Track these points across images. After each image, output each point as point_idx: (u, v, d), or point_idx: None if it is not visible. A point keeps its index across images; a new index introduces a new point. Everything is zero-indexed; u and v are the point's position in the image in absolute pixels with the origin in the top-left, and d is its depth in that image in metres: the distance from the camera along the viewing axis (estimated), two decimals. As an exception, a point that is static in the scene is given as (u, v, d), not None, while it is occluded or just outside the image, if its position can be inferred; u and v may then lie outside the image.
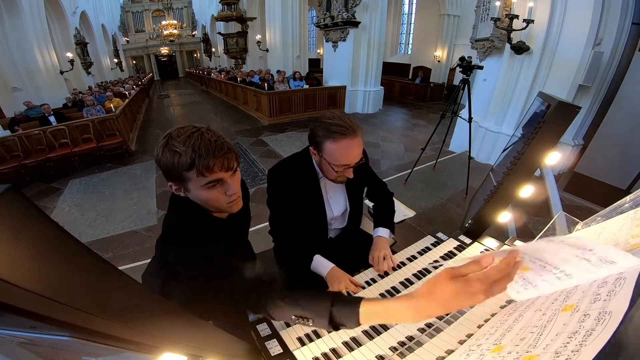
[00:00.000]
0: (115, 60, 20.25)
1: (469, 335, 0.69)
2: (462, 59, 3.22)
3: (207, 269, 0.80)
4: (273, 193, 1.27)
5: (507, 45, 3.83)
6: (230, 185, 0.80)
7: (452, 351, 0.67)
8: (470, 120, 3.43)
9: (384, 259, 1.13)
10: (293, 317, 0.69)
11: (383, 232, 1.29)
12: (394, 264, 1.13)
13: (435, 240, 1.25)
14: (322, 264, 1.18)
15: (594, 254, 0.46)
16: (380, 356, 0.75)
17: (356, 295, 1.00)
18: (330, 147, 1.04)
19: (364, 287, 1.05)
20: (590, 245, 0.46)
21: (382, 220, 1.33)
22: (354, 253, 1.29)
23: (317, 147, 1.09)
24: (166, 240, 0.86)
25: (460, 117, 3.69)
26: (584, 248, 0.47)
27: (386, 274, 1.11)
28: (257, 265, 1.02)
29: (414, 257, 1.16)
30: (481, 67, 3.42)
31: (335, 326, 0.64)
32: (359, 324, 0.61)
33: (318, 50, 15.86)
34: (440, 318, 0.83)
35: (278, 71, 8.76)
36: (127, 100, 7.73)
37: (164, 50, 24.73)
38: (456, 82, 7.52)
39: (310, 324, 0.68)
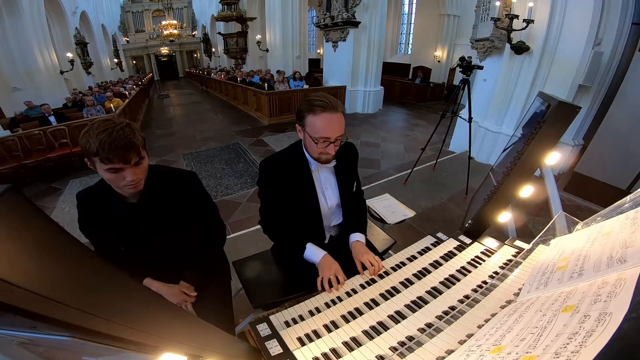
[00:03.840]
0: (115, 60, 20.26)
1: (469, 336, 0.69)
2: (462, 59, 3.22)
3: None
4: (264, 183, 1.28)
5: (507, 45, 3.82)
6: (129, 173, 0.98)
7: (452, 351, 0.67)
8: (470, 120, 3.43)
9: (371, 264, 1.14)
10: None
11: (360, 237, 1.31)
12: (381, 268, 1.13)
13: (435, 240, 1.25)
14: (314, 252, 1.22)
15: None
16: (380, 356, 0.75)
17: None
18: (312, 119, 1.10)
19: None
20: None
21: (358, 226, 1.36)
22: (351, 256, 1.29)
23: (301, 122, 1.15)
24: None
25: (460, 117, 3.69)
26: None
27: (386, 274, 1.11)
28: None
29: (414, 257, 1.16)
30: (481, 67, 3.41)
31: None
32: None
33: (318, 50, 15.85)
34: (440, 318, 0.83)
35: (278, 71, 8.76)
36: (127, 100, 7.72)
37: (164, 50, 24.72)
38: (456, 82, 7.52)
39: None
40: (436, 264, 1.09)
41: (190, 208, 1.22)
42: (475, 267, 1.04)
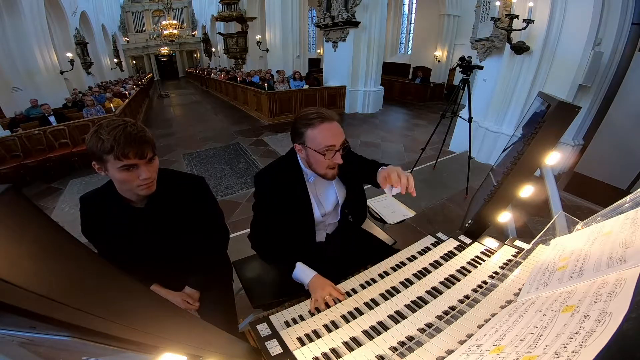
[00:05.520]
0: (115, 60, 20.25)
1: (469, 336, 0.69)
2: (462, 59, 3.22)
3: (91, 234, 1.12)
4: (260, 197, 1.26)
5: (507, 45, 3.82)
6: (143, 170, 0.96)
7: (452, 351, 0.67)
8: (470, 120, 3.43)
9: (399, 177, 0.98)
10: None
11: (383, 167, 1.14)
12: (411, 186, 0.98)
13: (435, 240, 1.25)
14: (304, 272, 1.15)
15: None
16: (380, 356, 0.75)
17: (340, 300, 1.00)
18: (312, 133, 1.07)
19: (349, 295, 1.02)
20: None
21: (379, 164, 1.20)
22: (351, 253, 1.28)
23: (299, 139, 1.12)
24: None
25: (460, 117, 3.69)
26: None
27: (386, 274, 1.10)
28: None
29: (414, 257, 1.16)
30: (481, 67, 3.42)
31: None
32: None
33: (318, 50, 15.85)
34: (440, 318, 0.83)
35: (278, 71, 8.76)
36: (127, 100, 7.72)
37: (164, 50, 24.72)
38: (456, 82, 7.51)
39: None
40: (436, 264, 1.09)
41: (197, 214, 1.21)
42: (475, 267, 1.03)
